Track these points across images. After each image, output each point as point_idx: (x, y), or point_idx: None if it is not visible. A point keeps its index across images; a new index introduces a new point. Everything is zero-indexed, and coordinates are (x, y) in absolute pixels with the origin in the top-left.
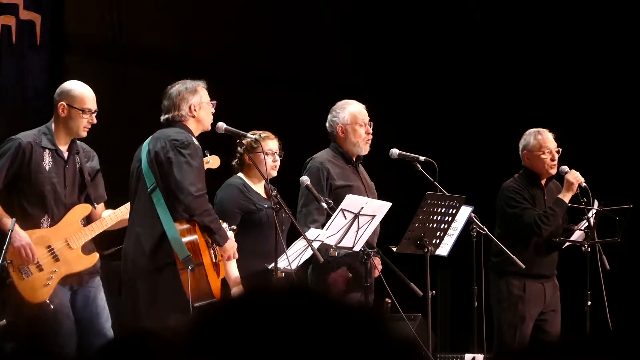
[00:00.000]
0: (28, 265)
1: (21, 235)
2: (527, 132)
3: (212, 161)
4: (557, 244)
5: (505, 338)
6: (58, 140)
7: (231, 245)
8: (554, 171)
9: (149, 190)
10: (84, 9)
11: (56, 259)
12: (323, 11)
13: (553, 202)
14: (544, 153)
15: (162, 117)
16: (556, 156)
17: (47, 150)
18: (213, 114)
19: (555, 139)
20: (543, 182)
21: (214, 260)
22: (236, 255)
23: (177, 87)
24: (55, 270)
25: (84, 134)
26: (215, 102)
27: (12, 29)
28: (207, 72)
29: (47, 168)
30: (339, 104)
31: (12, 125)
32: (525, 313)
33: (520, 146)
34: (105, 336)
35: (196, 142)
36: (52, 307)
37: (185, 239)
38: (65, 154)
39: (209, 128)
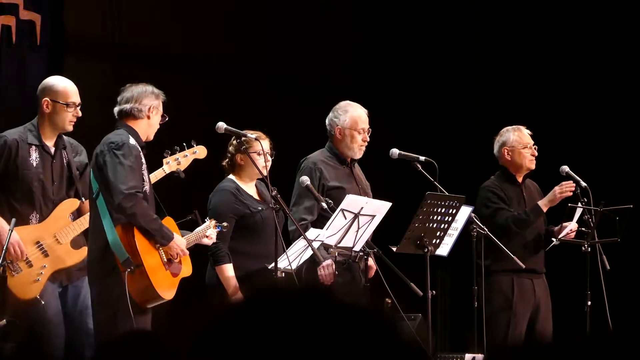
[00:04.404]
0: (17, 262)
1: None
2: (504, 129)
3: (199, 151)
4: (541, 240)
5: (498, 337)
6: (44, 136)
7: (178, 243)
8: (533, 165)
9: (94, 196)
10: (84, 9)
11: (45, 254)
12: (323, 11)
13: (530, 208)
14: (525, 148)
15: (117, 108)
16: (536, 152)
17: (33, 147)
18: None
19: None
20: (520, 179)
21: (164, 259)
22: (186, 252)
23: (143, 86)
24: (44, 266)
25: (70, 128)
26: (167, 117)
27: (12, 29)
28: (207, 72)
29: (34, 164)
30: (342, 104)
31: (12, 125)
32: (516, 310)
33: (498, 143)
34: (87, 333)
35: (131, 142)
36: (43, 302)
37: (123, 241)
38: (52, 150)
39: (152, 138)
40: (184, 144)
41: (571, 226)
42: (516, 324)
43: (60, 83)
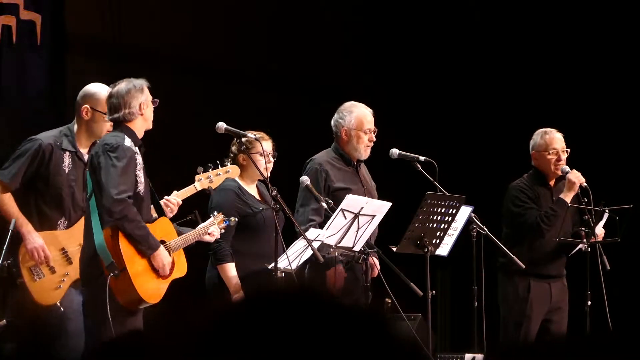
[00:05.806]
0: (40, 267)
1: (34, 237)
2: (536, 132)
3: (232, 170)
4: (565, 244)
5: (510, 337)
6: (79, 143)
7: (162, 257)
8: (559, 172)
9: (87, 196)
10: (84, 9)
11: (69, 262)
12: (323, 12)
13: (554, 202)
14: (549, 153)
15: (109, 118)
16: (563, 156)
17: (67, 152)
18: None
19: (564, 139)
20: (552, 182)
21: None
22: (166, 272)
23: (125, 85)
24: (67, 274)
25: None
26: (157, 100)
27: (12, 29)
28: (207, 72)
29: (67, 170)
30: (347, 105)
31: (12, 125)
32: (530, 312)
33: (530, 146)
34: None
35: (126, 144)
36: (62, 309)
37: (109, 245)
38: (86, 157)
39: (151, 127)
40: (217, 161)
41: (597, 231)
42: (528, 326)
43: (102, 91)
